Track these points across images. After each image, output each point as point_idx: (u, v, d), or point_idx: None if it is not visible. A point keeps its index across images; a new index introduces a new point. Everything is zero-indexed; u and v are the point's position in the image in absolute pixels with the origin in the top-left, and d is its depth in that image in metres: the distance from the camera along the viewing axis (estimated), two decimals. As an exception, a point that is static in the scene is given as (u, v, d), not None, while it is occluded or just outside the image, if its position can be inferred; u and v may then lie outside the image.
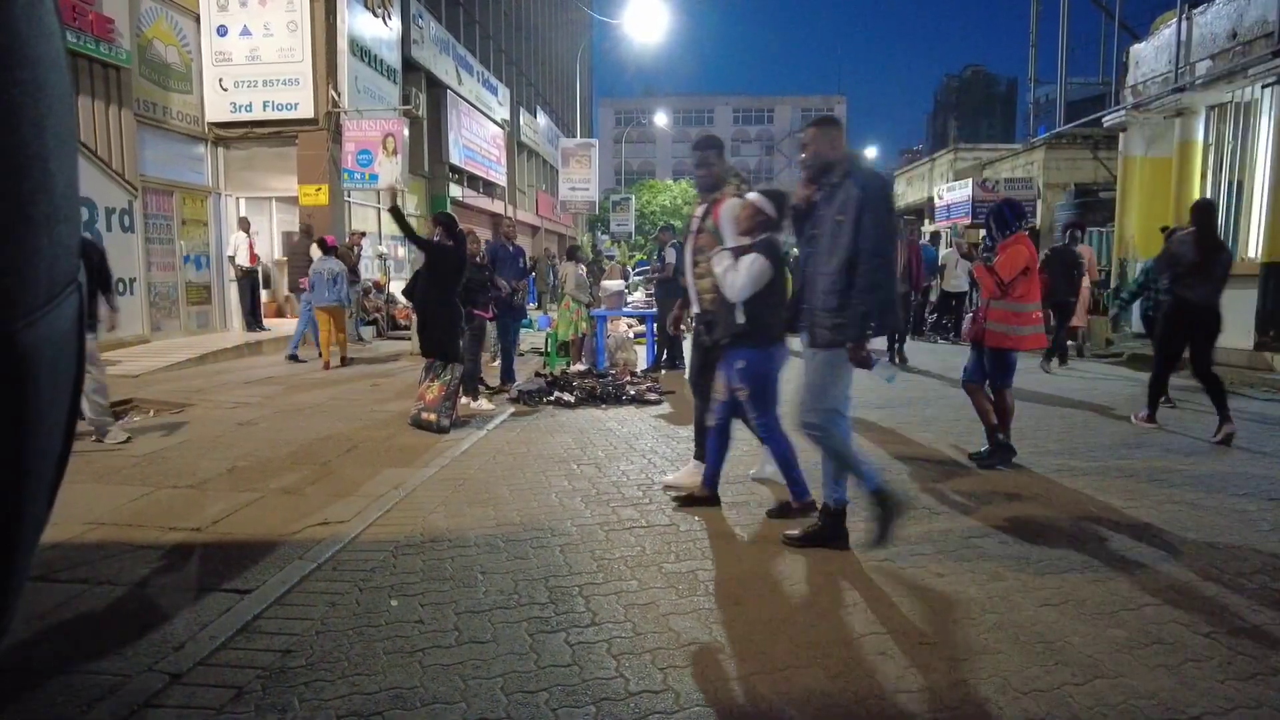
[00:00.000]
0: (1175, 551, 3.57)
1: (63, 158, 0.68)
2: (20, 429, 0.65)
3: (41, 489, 0.70)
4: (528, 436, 6.11)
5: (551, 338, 10.03)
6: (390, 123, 13.43)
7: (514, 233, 9.21)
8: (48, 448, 0.70)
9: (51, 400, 0.69)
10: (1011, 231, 5.13)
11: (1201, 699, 2.32)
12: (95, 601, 3.03)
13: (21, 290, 0.63)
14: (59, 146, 0.67)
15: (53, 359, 0.68)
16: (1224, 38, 10.47)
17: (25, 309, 0.63)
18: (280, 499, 4.43)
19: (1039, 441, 5.82)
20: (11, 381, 0.62)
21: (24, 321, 0.63)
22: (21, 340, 0.62)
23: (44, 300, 0.66)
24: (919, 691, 2.37)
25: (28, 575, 0.72)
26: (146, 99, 11.43)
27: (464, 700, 2.32)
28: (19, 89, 0.61)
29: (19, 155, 0.62)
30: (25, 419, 0.65)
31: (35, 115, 0.63)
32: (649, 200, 43.06)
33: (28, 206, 0.63)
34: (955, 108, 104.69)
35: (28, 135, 0.62)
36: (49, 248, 0.66)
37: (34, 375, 0.64)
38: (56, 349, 0.68)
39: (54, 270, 0.67)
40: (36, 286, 0.65)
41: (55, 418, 0.71)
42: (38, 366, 0.65)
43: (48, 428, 0.69)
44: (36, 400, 0.66)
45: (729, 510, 4.21)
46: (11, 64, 0.61)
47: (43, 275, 0.65)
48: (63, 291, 0.69)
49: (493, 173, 22.63)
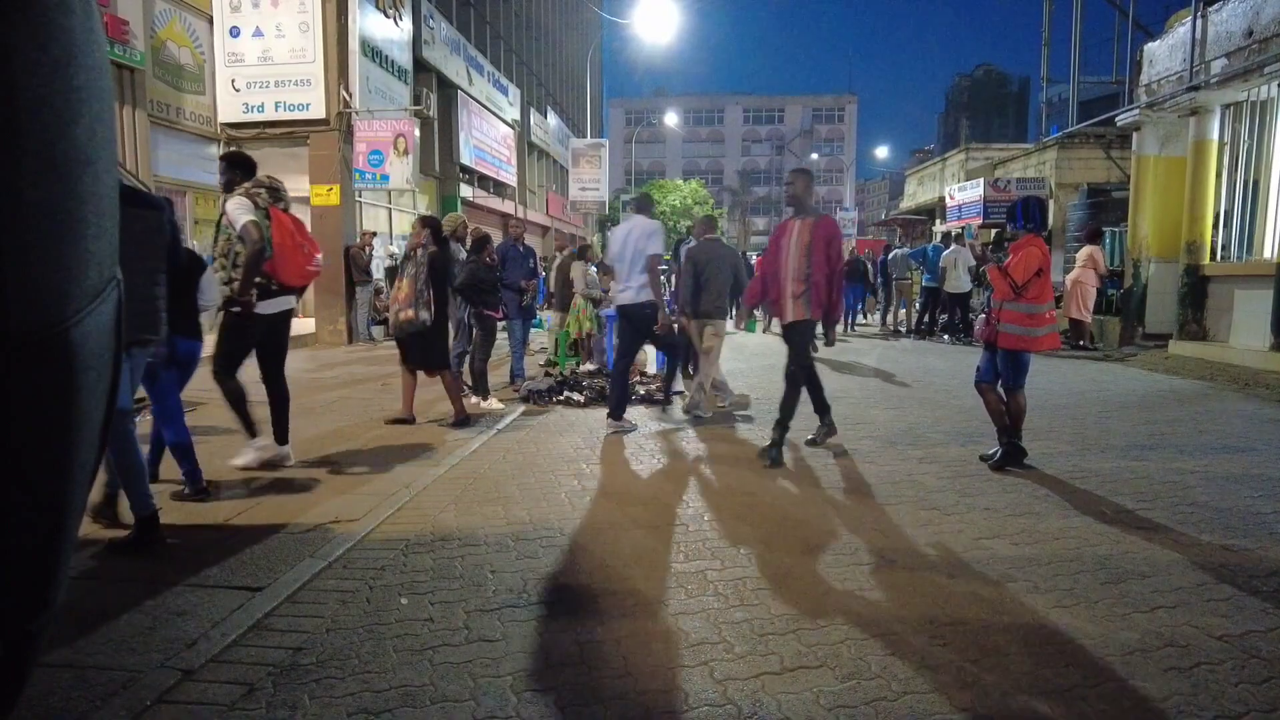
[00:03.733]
0: (1189, 554, 3.54)
1: (108, 161, 0.71)
2: (71, 421, 0.68)
3: (86, 474, 0.74)
4: (537, 436, 6.12)
5: (561, 337, 10.05)
6: (401, 123, 13.49)
7: (523, 232, 9.23)
8: (91, 436, 0.73)
9: (95, 392, 0.72)
10: (1031, 229, 5.10)
11: (1215, 702, 2.30)
12: (107, 597, 3.05)
13: (74, 288, 0.66)
14: (106, 150, 0.70)
15: (97, 353, 0.70)
16: (1239, 36, 10.37)
17: (77, 306, 0.66)
18: (291, 497, 4.46)
19: (1051, 443, 5.78)
20: (64, 375, 0.66)
21: (75, 318, 0.66)
22: (72, 335, 0.65)
23: (91, 296, 0.68)
24: (929, 693, 2.36)
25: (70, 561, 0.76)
26: (160, 100, 11.52)
27: (473, 698, 2.33)
28: (76, 95, 0.64)
29: (77, 159, 0.64)
30: (75, 411, 0.68)
31: (89, 121, 0.66)
32: (659, 200, 43.08)
33: (82, 208, 0.65)
34: (967, 107, 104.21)
35: (82, 140, 0.65)
36: (96, 247, 0.68)
37: (82, 369, 0.68)
38: (101, 343, 0.71)
39: (101, 268, 0.70)
40: (85, 284, 0.67)
41: (97, 409, 0.74)
42: (85, 360, 0.68)
43: (92, 417, 0.72)
44: (84, 392, 0.69)
45: (736, 511, 4.20)
46: (71, 70, 0.63)
47: (91, 273, 0.68)
48: (106, 288, 0.72)
49: (503, 173, 22.69)
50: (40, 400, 0.64)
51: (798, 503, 4.39)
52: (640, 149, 64.95)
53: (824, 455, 5.52)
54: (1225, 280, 11.10)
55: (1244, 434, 6.02)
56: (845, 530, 3.88)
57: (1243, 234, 11.13)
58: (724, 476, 4.94)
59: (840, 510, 4.22)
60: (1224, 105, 11.32)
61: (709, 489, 4.63)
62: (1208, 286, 11.45)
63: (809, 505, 4.34)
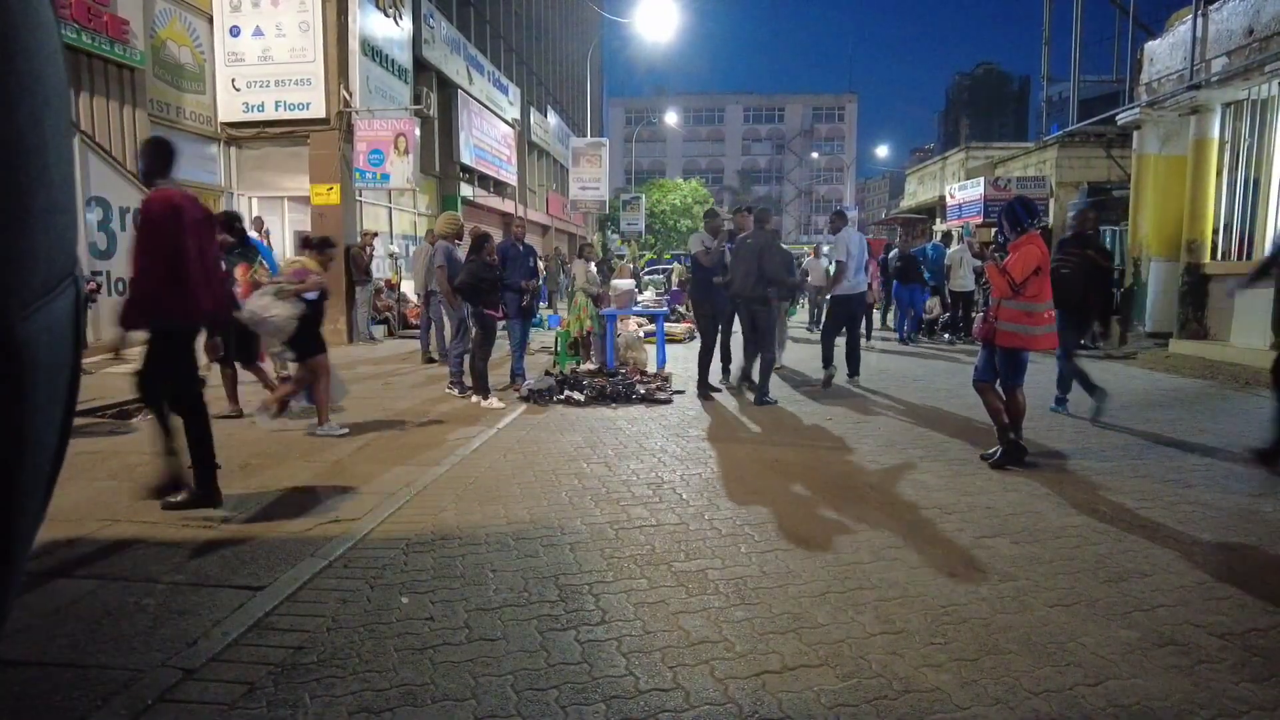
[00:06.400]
0: (1189, 552, 3.54)
1: (60, 151, 0.68)
2: (19, 420, 0.65)
3: (39, 480, 0.70)
4: (538, 435, 6.13)
5: (562, 336, 10.05)
6: (402, 122, 13.48)
7: (523, 231, 9.23)
8: (45, 439, 0.70)
9: (49, 392, 0.68)
10: (1024, 230, 5.09)
11: (1215, 700, 2.30)
12: (110, 597, 3.05)
13: (20, 282, 0.63)
14: (56, 139, 0.67)
15: (50, 351, 0.67)
16: (1240, 34, 10.36)
17: (23, 301, 0.63)
18: (292, 496, 4.46)
19: (1051, 441, 5.78)
20: (10, 372, 0.62)
21: (22, 313, 0.63)
22: (20, 332, 0.62)
23: (42, 292, 0.65)
24: (930, 692, 2.36)
25: (25, 569, 0.71)
26: (160, 99, 11.52)
27: (474, 697, 2.33)
28: (14, 80, 0.61)
29: (16, 147, 0.61)
30: (24, 410, 0.65)
31: (32, 107, 0.63)
32: (659, 199, 43.07)
33: (25, 199, 0.62)
34: (967, 106, 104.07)
35: (24, 127, 0.62)
36: (46, 240, 0.65)
37: (32, 367, 0.64)
38: (54, 341, 0.68)
39: (52, 262, 0.67)
40: (34, 279, 0.64)
41: (52, 410, 0.71)
42: (36, 358, 0.65)
43: (45, 419, 0.69)
44: (34, 392, 0.65)
45: (737, 511, 4.21)
46: (6, 54, 0.60)
47: (41, 267, 0.65)
48: (60, 284, 0.69)
49: (503, 172, 22.67)
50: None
51: (799, 501, 4.39)
52: (640, 148, 64.91)
53: (825, 453, 5.52)
54: (1226, 279, 11.09)
55: (1244, 433, 6.01)
56: (845, 529, 3.88)
57: (1243, 233, 11.12)
58: (724, 476, 4.94)
59: (840, 509, 4.22)
60: (1225, 104, 11.32)
61: (710, 488, 4.63)
62: (1208, 285, 11.45)
63: (810, 504, 4.34)
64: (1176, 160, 12.30)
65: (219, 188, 13.11)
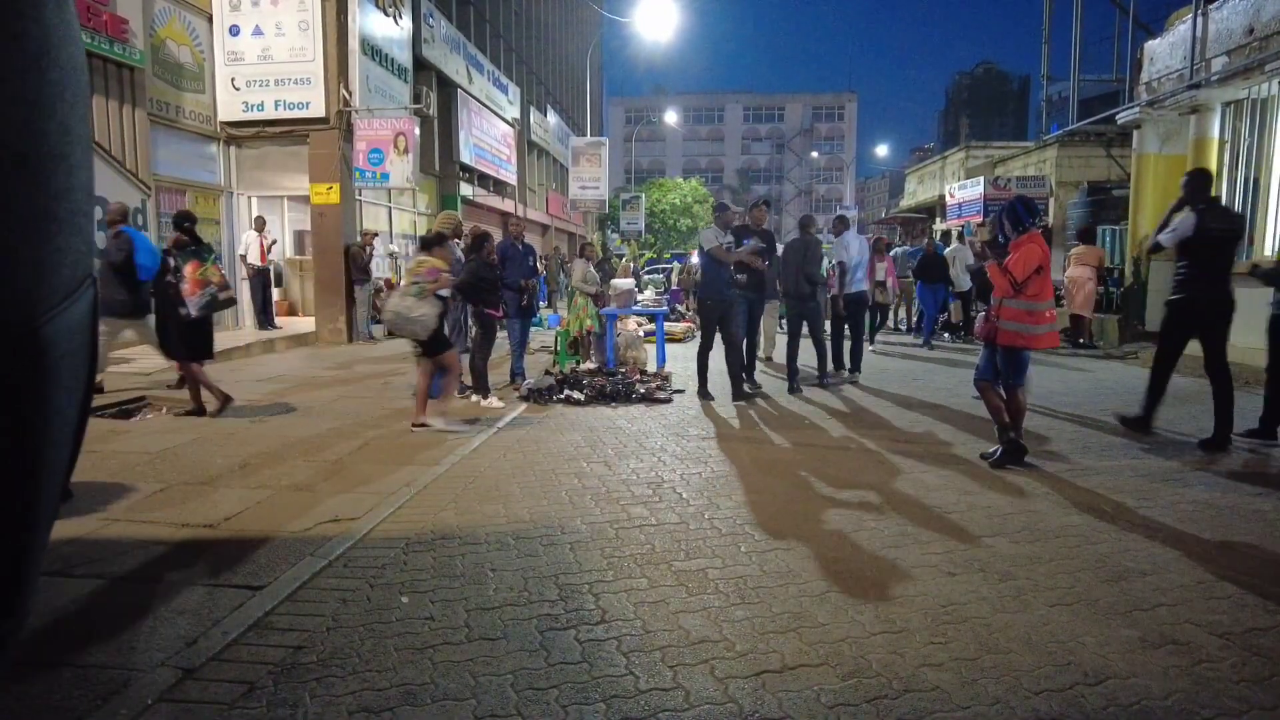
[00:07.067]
0: (1190, 552, 3.54)
1: (84, 157, 0.70)
2: (42, 420, 0.67)
3: (56, 478, 0.72)
4: (538, 434, 6.12)
5: (562, 336, 10.05)
6: (401, 122, 13.47)
7: (522, 230, 9.22)
8: (63, 438, 0.71)
9: (68, 392, 0.70)
10: (1024, 229, 5.09)
11: (1215, 700, 2.30)
12: (109, 596, 3.05)
13: (47, 286, 0.65)
14: (81, 147, 0.69)
15: (71, 352, 0.69)
16: (1240, 33, 10.36)
17: (49, 304, 0.65)
18: (292, 495, 4.46)
19: (1051, 440, 5.79)
20: (36, 374, 0.64)
21: (47, 316, 0.64)
22: (44, 334, 0.64)
23: (64, 295, 0.67)
24: (930, 691, 2.36)
25: (42, 564, 0.74)
26: (160, 99, 11.50)
27: (474, 697, 2.33)
28: (50, 90, 0.63)
29: (49, 155, 0.63)
30: (46, 410, 0.67)
31: (62, 116, 0.65)
32: (659, 199, 43.08)
33: (54, 205, 0.64)
34: (967, 105, 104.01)
35: (55, 136, 0.64)
36: (70, 244, 0.67)
37: (55, 368, 0.66)
38: (74, 342, 0.70)
39: (75, 266, 0.69)
40: (59, 282, 0.66)
41: (70, 409, 0.72)
42: (58, 359, 0.66)
43: (64, 419, 0.71)
44: (56, 394, 0.67)
45: (737, 510, 4.20)
46: (44, 65, 0.62)
47: (65, 271, 0.67)
48: (80, 286, 0.70)
49: (503, 171, 22.67)
50: (8, 401, 0.63)
51: (800, 501, 4.39)
52: (640, 147, 64.93)
53: (826, 453, 5.52)
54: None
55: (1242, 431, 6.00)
56: (846, 529, 3.88)
57: (1243, 232, 11.10)
58: (724, 475, 4.93)
59: (840, 508, 4.22)
60: (1225, 103, 11.31)
61: (710, 488, 4.63)
62: (1208, 285, 11.41)
63: (810, 503, 4.34)
64: (1176, 160, 12.29)
65: (218, 187, 13.10)
